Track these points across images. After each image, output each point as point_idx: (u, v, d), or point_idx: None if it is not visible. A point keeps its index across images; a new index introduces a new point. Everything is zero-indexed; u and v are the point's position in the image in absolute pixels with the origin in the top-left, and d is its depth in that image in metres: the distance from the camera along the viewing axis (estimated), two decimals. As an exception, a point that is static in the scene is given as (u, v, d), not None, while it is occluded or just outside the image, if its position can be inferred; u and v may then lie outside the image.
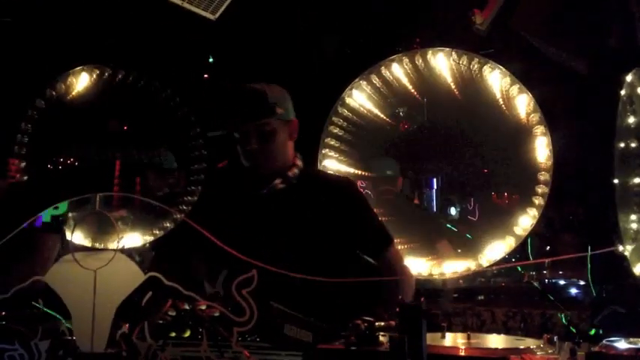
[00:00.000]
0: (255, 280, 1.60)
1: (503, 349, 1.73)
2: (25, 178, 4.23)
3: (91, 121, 4.52)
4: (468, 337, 1.96)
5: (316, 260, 2.31)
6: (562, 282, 5.06)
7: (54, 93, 4.37)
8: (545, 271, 5.05)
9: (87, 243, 2.01)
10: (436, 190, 4.70)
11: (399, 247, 4.33)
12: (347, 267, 2.24)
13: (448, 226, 4.58)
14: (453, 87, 4.39)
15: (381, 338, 1.84)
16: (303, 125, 2.68)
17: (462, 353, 1.66)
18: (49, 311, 1.73)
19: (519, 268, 4.67)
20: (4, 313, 1.84)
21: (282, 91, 2.59)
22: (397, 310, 1.55)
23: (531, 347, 1.83)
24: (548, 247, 5.31)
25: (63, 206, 2.11)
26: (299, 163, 2.52)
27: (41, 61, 4.46)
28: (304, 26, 4.83)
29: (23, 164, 4.34)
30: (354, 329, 1.87)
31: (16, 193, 2.72)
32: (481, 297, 4.94)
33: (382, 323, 1.92)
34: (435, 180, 4.69)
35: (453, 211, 4.60)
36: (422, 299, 1.52)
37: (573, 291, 4.93)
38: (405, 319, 1.50)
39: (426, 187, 4.76)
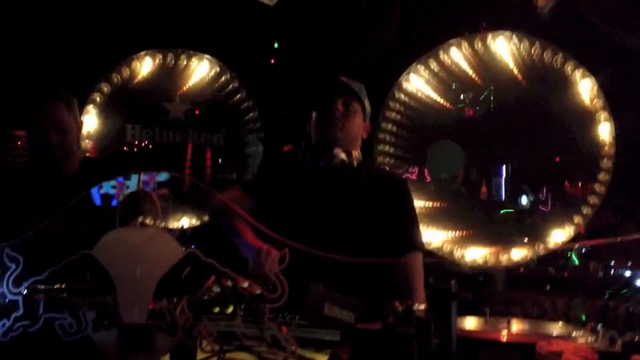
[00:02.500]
0: (287, 258, 1.63)
1: (534, 335, 1.71)
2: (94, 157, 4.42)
3: (153, 104, 4.66)
4: (509, 322, 1.95)
5: (358, 244, 2.32)
6: (628, 272, 4.91)
7: (119, 77, 4.54)
8: (612, 261, 4.91)
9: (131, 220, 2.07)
10: (505, 178, 4.58)
11: (456, 234, 4.31)
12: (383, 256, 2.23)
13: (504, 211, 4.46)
14: (516, 71, 4.29)
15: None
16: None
17: (491, 339, 1.66)
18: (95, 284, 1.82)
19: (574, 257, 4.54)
20: (62, 285, 1.93)
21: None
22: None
23: (572, 335, 1.80)
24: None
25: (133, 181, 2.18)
26: (360, 155, 2.57)
27: (106, 46, 4.62)
28: (364, 11, 4.80)
29: (91, 144, 4.54)
30: (392, 310, 1.88)
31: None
32: (547, 286, 4.82)
33: (422, 306, 1.93)
34: (503, 168, 4.57)
35: (524, 200, 4.48)
36: (452, 281, 1.52)
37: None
38: (434, 301, 1.50)
39: (494, 175, 4.64)
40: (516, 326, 1.94)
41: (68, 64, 4.41)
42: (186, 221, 4.39)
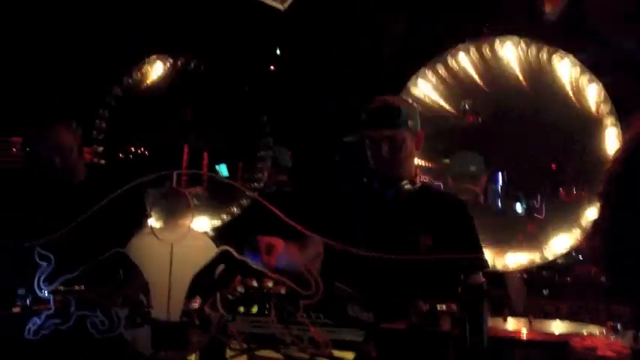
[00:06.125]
0: (321, 257, 1.66)
1: (563, 334, 1.74)
2: (102, 162, 4.44)
3: (163, 108, 4.68)
4: (530, 323, 1.97)
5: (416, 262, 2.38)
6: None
7: (130, 81, 4.56)
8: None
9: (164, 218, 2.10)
10: (501, 185, 4.59)
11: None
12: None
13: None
14: (521, 77, 4.31)
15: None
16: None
17: (524, 337, 1.68)
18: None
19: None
20: (82, 287, 1.95)
21: (412, 104, 2.76)
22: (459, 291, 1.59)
23: (593, 333, 1.83)
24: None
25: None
26: (420, 176, 2.64)
27: (118, 50, 4.64)
28: (373, 16, 4.84)
29: (101, 149, 4.55)
30: (416, 310, 1.90)
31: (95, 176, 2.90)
32: (545, 291, 4.85)
33: (444, 306, 1.95)
34: (500, 175, 4.59)
35: (519, 207, 4.50)
36: (484, 280, 1.55)
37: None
38: (468, 299, 1.53)
39: (491, 182, 4.65)
40: (538, 326, 1.97)
41: (77, 69, 4.43)
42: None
